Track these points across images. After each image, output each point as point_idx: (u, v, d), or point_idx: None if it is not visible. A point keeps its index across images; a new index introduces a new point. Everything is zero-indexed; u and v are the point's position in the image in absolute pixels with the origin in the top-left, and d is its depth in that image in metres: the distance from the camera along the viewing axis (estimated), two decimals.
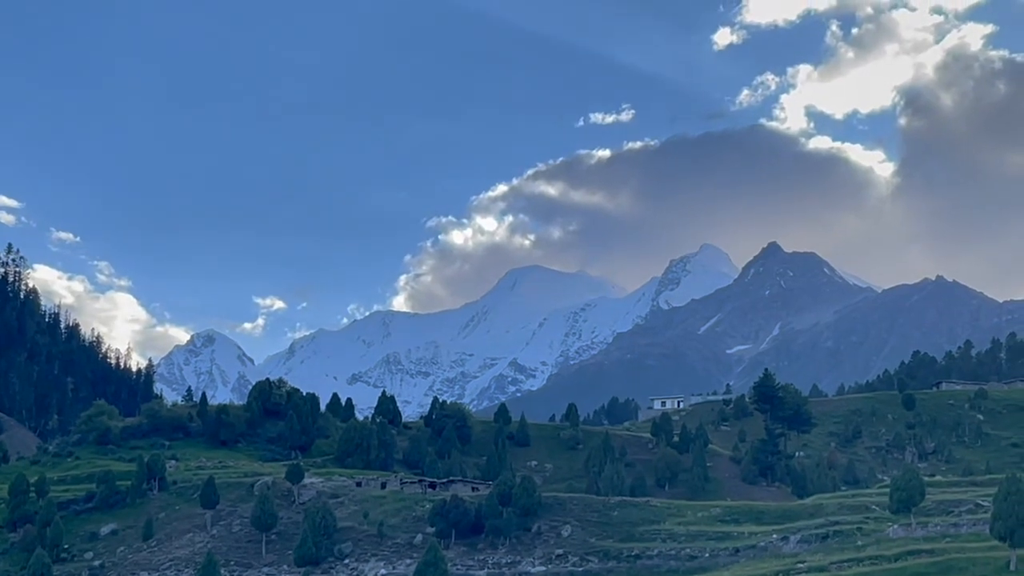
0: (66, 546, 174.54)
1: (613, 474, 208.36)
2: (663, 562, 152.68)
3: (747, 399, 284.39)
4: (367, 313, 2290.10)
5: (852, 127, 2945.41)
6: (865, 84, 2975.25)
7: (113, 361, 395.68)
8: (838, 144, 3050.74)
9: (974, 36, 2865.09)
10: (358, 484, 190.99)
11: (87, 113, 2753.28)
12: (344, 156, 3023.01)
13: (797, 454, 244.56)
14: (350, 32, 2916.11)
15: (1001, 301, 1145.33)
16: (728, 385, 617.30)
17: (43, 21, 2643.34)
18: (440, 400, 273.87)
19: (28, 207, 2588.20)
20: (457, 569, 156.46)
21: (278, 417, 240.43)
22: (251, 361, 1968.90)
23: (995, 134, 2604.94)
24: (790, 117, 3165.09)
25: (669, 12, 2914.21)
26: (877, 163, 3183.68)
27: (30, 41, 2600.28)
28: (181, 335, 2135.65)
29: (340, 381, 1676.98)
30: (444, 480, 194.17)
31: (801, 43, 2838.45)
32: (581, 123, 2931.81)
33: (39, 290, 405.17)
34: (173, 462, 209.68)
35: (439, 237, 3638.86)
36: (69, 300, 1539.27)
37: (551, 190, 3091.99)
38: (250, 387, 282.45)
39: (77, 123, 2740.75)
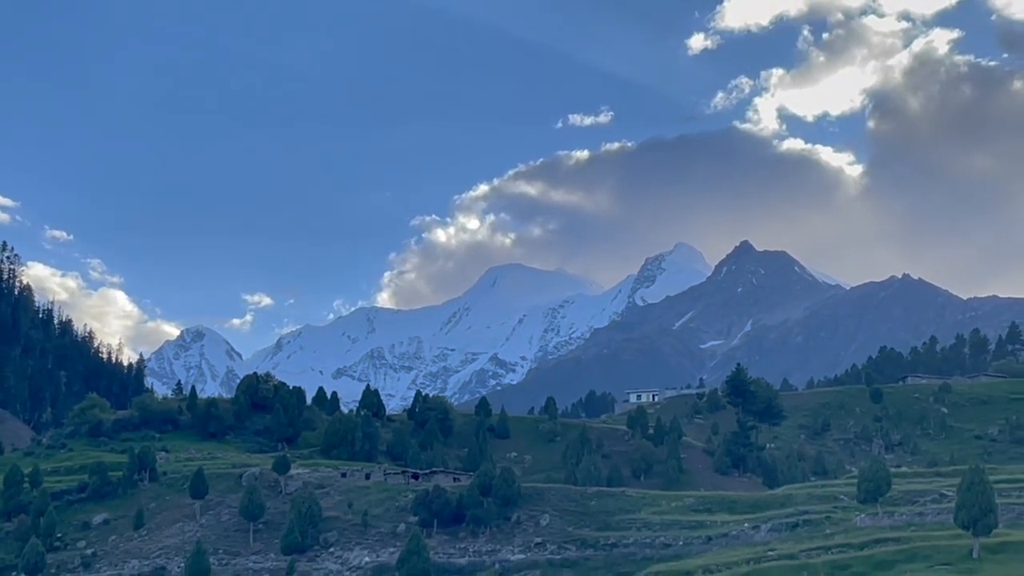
0: (59, 535, 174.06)
1: (590, 465, 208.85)
2: (638, 550, 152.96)
3: (720, 393, 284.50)
4: (352, 309, 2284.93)
5: (823, 129, 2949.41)
6: (835, 87, 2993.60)
7: (105, 356, 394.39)
8: (809, 146, 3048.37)
9: (941, 41, 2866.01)
10: (343, 475, 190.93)
11: (81, 115, 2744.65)
12: (331, 157, 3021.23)
13: (768, 446, 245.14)
14: (337, 39, 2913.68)
15: (965, 298, 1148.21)
16: (701, 379, 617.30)
17: (38, 25, 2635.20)
18: (423, 394, 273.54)
19: (23, 206, 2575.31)
20: (439, 557, 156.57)
21: (265, 410, 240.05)
22: (239, 356, 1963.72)
23: (960, 137, 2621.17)
24: (763, 119, 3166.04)
25: (646, 18, 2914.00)
26: (846, 164, 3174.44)
27: (26, 44, 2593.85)
28: (171, 330, 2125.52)
29: (326, 375, 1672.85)
30: (426, 471, 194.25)
31: (774, 48, 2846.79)
32: (560, 125, 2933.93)
33: (33, 287, 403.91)
34: (163, 453, 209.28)
35: (422, 236, 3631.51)
36: (63, 297, 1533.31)
37: (531, 190, 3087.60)
38: (238, 381, 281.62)
39: (71, 124, 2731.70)
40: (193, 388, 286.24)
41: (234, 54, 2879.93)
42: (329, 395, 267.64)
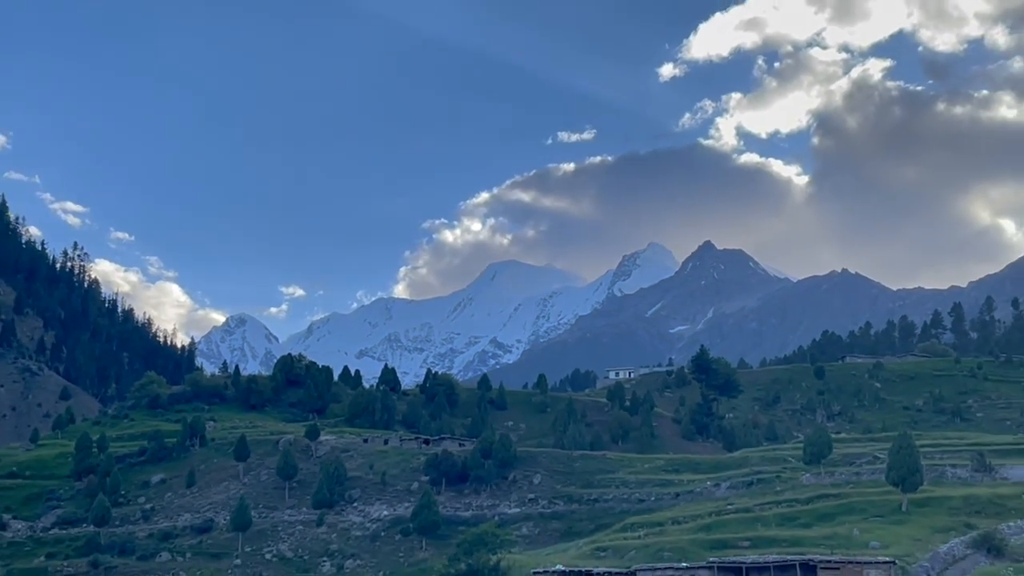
0: (123, 492, 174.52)
1: (576, 432, 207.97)
2: (617, 504, 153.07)
3: (686, 370, 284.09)
4: (372, 299, 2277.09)
5: (774, 145, 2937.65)
6: (785, 109, 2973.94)
7: (161, 339, 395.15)
8: (763, 159, 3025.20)
9: (875, 69, 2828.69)
10: (365, 441, 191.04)
11: (141, 132, 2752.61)
12: (355, 169, 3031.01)
13: (727, 415, 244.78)
14: (363, 70, 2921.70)
15: (895, 289, 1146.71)
16: (671, 359, 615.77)
17: (104, 50, 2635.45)
18: (433, 371, 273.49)
19: (92, 211, 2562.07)
20: (447, 510, 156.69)
21: (298, 386, 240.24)
22: (276, 339, 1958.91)
23: (892, 151, 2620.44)
24: (723, 137, 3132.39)
25: (624, 49, 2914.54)
26: (794, 175, 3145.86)
27: (94, 70, 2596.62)
28: (218, 318, 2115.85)
29: (350, 356, 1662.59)
30: (436, 437, 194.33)
31: (733, 75, 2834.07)
32: (550, 141, 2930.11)
33: (100, 281, 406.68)
34: (211, 423, 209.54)
35: (432, 236, 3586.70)
36: (125, 289, 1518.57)
37: (525, 197, 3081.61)
38: (275, 361, 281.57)
39: (133, 141, 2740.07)
40: (237, 367, 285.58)
41: (279, 83, 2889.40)
42: (353, 373, 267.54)
